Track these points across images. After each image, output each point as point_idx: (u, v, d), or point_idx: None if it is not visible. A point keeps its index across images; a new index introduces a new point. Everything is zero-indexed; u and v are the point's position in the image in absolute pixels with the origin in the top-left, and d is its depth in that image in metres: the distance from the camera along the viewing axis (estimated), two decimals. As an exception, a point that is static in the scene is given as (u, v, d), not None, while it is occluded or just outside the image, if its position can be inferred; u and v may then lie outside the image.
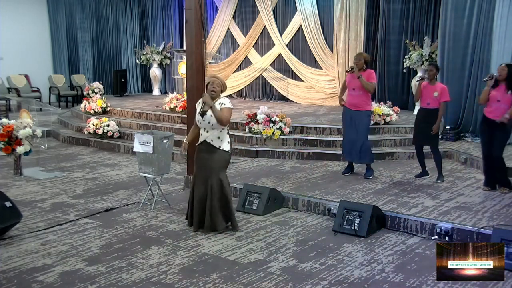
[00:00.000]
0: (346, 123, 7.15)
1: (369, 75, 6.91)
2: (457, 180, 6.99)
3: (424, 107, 6.79)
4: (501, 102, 6.11)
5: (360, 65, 6.88)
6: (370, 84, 6.86)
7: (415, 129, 6.98)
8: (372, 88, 6.94)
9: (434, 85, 6.70)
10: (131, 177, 7.54)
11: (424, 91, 6.75)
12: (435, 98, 6.64)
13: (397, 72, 11.43)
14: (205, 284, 4.10)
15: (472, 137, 9.11)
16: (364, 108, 6.98)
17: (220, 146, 5.12)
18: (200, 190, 5.17)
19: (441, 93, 6.63)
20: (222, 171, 5.21)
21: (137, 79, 16.31)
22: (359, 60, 6.92)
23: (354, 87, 6.95)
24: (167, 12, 15.69)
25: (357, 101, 6.96)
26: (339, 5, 11.92)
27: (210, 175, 5.11)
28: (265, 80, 13.86)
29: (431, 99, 6.68)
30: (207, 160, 5.13)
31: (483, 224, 5.15)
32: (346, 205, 5.45)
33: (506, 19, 8.39)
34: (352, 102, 7.03)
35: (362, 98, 6.94)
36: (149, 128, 9.81)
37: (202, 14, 6.62)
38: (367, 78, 6.85)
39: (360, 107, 6.95)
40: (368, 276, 4.29)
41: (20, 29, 14.38)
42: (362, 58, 6.94)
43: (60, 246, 4.87)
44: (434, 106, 6.67)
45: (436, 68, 6.76)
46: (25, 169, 7.68)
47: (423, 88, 6.75)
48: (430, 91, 6.68)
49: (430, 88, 6.70)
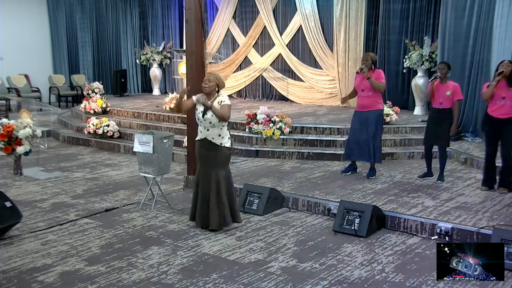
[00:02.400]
0: (356, 125, 7.02)
1: (378, 75, 6.85)
2: (457, 180, 6.98)
3: (437, 107, 6.64)
4: (506, 99, 6.04)
5: (369, 65, 6.83)
6: (381, 84, 6.81)
7: (427, 130, 6.83)
8: (383, 88, 6.89)
9: (446, 84, 6.57)
10: (131, 177, 7.54)
11: (436, 91, 6.60)
12: (447, 97, 6.51)
13: (397, 72, 11.42)
14: (205, 284, 4.10)
15: (472, 137, 9.10)
16: (375, 107, 6.88)
17: (221, 143, 5.18)
18: (204, 187, 5.22)
19: (453, 91, 6.50)
20: (226, 166, 5.30)
21: (137, 79, 16.32)
22: (366, 60, 6.86)
23: (363, 88, 6.88)
24: (167, 12, 15.70)
25: (367, 102, 6.87)
26: (339, 5, 11.93)
27: (215, 172, 5.16)
28: (265, 80, 13.86)
29: (443, 98, 6.54)
30: (210, 157, 5.19)
31: (483, 224, 5.15)
32: (346, 205, 5.44)
33: (506, 19, 8.38)
34: (362, 103, 6.94)
35: (372, 99, 6.85)
36: (149, 128, 9.81)
37: (202, 14, 6.62)
38: (376, 78, 6.79)
39: (371, 107, 6.86)
40: (368, 276, 4.29)
41: (20, 29, 14.38)
42: (370, 58, 6.89)
43: (60, 246, 4.87)
44: (447, 106, 6.54)
45: (448, 67, 6.63)
46: (25, 169, 7.68)
47: (435, 88, 6.61)
48: (442, 91, 6.55)
49: (442, 87, 6.57)
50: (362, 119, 6.95)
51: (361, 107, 6.97)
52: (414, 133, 9.12)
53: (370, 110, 6.88)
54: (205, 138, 5.19)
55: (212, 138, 5.15)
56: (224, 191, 5.19)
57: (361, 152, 7.03)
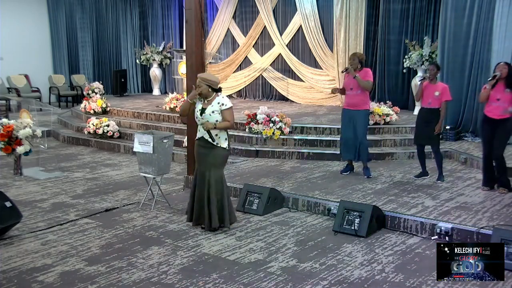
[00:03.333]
0: (345, 122, 7.16)
1: (365, 73, 6.96)
2: (457, 180, 6.98)
3: (425, 107, 6.75)
4: (501, 101, 6.10)
5: (355, 64, 6.96)
6: (367, 83, 6.91)
7: (416, 129, 6.94)
8: (369, 86, 7.00)
9: (436, 85, 6.68)
10: (131, 177, 7.54)
11: (425, 91, 6.72)
12: (436, 97, 6.61)
13: (397, 72, 11.42)
14: (205, 284, 4.10)
15: (472, 137, 9.10)
16: (362, 107, 7.02)
17: (218, 143, 5.16)
18: (200, 185, 5.22)
19: (442, 92, 6.60)
20: (221, 167, 5.29)
21: (137, 79, 16.32)
22: (353, 60, 7.02)
23: (352, 86, 7.01)
24: (167, 12, 15.70)
25: (355, 101, 7.00)
26: (339, 5, 11.92)
27: (208, 172, 5.16)
28: (265, 80, 13.85)
29: (432, 98, 6.64)
30: (206, 156, 5.19)
31: (483, 224, 5.15)
32: (346, 205, 5.45)
33: (506, 19, 8.39)
34: (350, 101, 7.07)
35: (360, 97, 6.98)
36: (149, 128, 9.81)
37: (202, 14, 6.63)
38: (363, 77, 6.90)
39: (358, 106, 6.99)
40: (368, 276, 4.29)
41: (20, 29, 14.38)
42: (356, 57, 7.03)
43: (60, 246, 4.87)
44: (435, 106, 6.64)
45: (437, 68, 6.74)
46: (25, 169, 7.68)
47: (424, 88, 6.73)
48: (431, 91, 6.66)
49: (431, 88, 6.67)
50: (350, 117, 7.07)
51: (349, 105, 7.10)
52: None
53: (357, 110, 7.01)
54: (202, 137, 5.20)
55: (209, 137, 5.14)
56: (215, 192, 5.16)
57: (349, 150, 7.13)
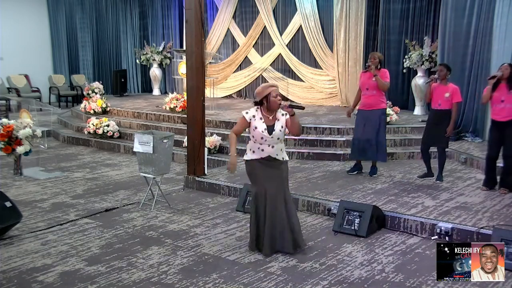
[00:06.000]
0: (358, 123, 7.10)
1: (383, 74, 6.93)
2: (457, 180, 6.98)
3: (435, 108, 6.63)
4: (505, 102, 6.05)
5: (376, 63, 6.90)
6: (386, 84, 6.90)
7: (426, 131, 6.83)
8: (387, 87, 6.98)
9: (446, 86, 6.54)
10: (131, 177, 7.54)
11: (435, 92, 6.59)
12: (446, 99, 6.49)
13: (397, 72, 11.41)
14: (205, 284, 4.10)
15: (472, 137, 9.10)
16: (377, 106, 6.96)
17: (284, 158, 4.77)
18: (275, 207, 4.65)
19: (452, 93, 6.47)
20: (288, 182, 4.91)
21: (137, 79, 16.32)
22: (374, 58, 6.93)
23: (368, 87, 6.96)
24: (167, 12, 15.71)
25: (371, 101, 6.96)
26: (339, 5, 11.93)
27: (283, 189, 4.73)
28: (265, 80, 13.83)
29: (442, 100, 6.52)
30: (279, 176, 4.71)
31: (483, 224, 5.15)
32: (346, 205, 5.44)
33: (506, 19, 8.38)
34: (366, 102, 7.01)
35: (376, 97, 6.94)
36: (149, 128, 9.81)
37: (202, 14, 6.63)
38: (382, 77, 6.88)
39: (373, 106, 6.94)
40: (368, 276, 4.28)
41: (20, 29, 14.39)
42: (377, 57, 6.96)
43: (60, 246, 4.87)
44: (446, 107, 6.52)
45: (446, 68, 6.60)
46: (25, 169, 7.68)
47: (434, 89, 6.60)
48: (441, 92, 6.53)
49: (441, 89, 6.55)
50: (366, 117, 7.01)
51: (365, 105, 7.04)
52: (414, 133, 9.12)
53: (374, 109, 6.96)
54: (269, 156, 4.68)
55: (276, 155, 4.69)
56: (294, 208, 4.85)
57: (366, 150, 7.07)
